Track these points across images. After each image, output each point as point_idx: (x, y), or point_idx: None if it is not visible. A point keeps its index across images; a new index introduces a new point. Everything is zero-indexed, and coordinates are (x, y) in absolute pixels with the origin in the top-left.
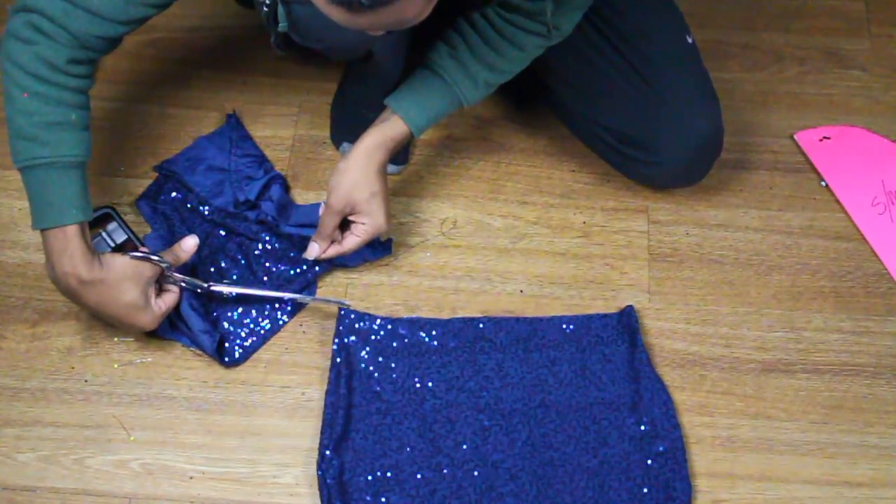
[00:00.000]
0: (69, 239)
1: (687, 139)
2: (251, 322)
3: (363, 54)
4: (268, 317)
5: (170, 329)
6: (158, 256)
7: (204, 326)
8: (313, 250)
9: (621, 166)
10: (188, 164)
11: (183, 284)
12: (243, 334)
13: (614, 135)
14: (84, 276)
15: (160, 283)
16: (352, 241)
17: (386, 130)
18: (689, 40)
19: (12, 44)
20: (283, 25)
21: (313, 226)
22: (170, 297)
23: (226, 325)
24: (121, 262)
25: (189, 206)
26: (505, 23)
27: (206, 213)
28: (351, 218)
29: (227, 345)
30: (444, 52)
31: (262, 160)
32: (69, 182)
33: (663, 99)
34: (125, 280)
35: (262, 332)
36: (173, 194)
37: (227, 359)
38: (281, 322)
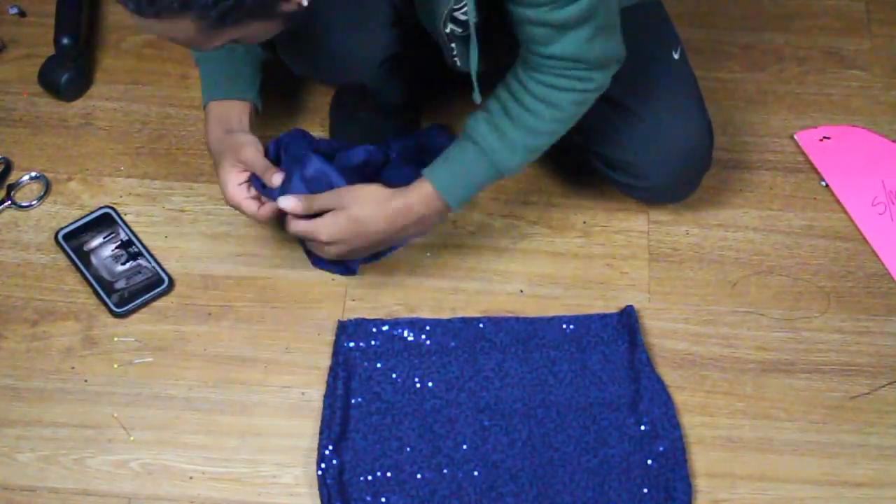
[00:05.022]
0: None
1: (669, 161)
2: None
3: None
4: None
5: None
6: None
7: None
8: (288, 202)
9: (618, 188)
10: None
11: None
12: None
13: (604, 161)
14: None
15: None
16: (294, 223)
17: (408, 191)
18: (675, 56)
19: None
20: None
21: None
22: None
23: None
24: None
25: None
26: (536, 82)
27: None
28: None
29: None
30: (481, 118)
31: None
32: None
33: (644, 122)
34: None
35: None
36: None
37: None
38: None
